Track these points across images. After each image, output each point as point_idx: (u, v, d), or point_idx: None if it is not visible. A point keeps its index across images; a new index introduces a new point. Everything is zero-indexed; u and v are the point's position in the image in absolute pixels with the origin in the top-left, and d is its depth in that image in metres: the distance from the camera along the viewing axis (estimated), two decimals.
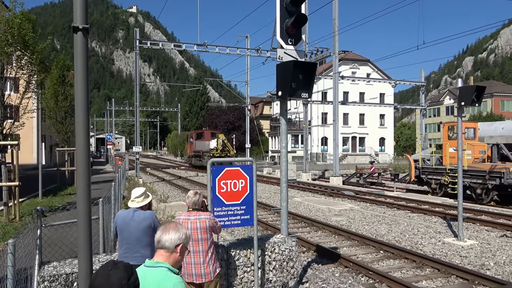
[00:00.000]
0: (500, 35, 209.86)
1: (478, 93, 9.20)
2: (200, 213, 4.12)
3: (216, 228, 4.22)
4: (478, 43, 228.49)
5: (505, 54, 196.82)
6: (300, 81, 5.62)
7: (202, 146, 37.38)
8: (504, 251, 8.62)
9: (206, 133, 39.60)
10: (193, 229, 4.00)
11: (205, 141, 37.74)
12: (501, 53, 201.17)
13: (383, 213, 13.73)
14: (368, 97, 53.25)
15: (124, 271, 1.85)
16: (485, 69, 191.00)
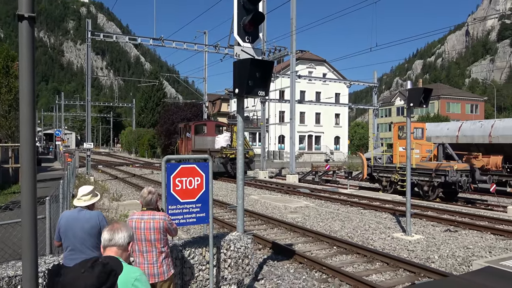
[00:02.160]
0: (447, 40, 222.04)
1: (426, 95, 9.67)
2: (154, 213, 4.00)
3: (172, 230, 4.11)
4: (427, 48, 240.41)
5: (451, 58, 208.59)
6: (257, 79, 5.63)
7: (208, 144, 27.53)
8: (447, 244, 9.14)
9: (209, 126, 29.44)
10: (146, 229, 3.90)
11: (209, 136, 28.13)
12: (447, 57, 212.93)
13: (337, 210, 14.12)
14: (324, 96, 54.49)
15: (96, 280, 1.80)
16: (433, 72, 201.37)
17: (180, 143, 30.18)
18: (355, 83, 38.50)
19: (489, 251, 8.62)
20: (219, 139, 26.70)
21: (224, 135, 26.75)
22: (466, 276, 6.77)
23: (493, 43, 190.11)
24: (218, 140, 26.76)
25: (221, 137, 26.74)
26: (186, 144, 28.29)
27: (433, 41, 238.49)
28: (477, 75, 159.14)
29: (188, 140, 28.08)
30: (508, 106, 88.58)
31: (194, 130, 28.22)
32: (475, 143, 19.63)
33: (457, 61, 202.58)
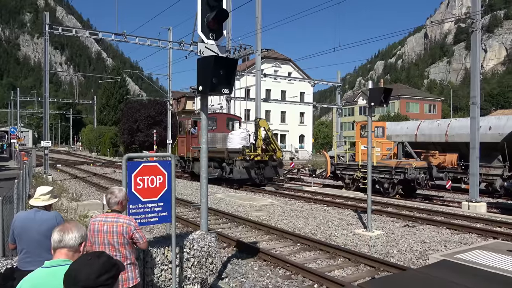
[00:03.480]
0: (407, 42, 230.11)
1: (386, 95, 9.96)
2: (119, 216, 3.76)
3: (138, 238, 3.72)
4: (388, 49, 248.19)
5: (410, 60, 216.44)
6: (221, 76, 5.59)
7: (217, 142, 21.90)
8: (406, 239, 9.47)
9: (220, 119, 23.21)
10: (109, 232, 3.70)
11: (219, 132, 22.36)
12: (407, 59, 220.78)
13: (301, 207, 14.30)
14: (289, 95, 55.04)
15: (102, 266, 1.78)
16: (394, 73, 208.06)
17: (181, 141, 24.47)
18: (320, 83, 39.14)
19: (444, 245, 9.01)
20: (233, 136, 21.07)
21: (240, 132, 21.36)
22: (423, 270, 7.04)
23: (449, 46, 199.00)
24: (232, 137, 21.07)
25: (235, 134, 21.12)
26: (190, 142, 22.55)
27: (393, 42, 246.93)
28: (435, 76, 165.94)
29: (193, 138, 22.39)
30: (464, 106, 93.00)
31: None
32: (433, 142, 20.46)
33: (416, 62, 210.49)
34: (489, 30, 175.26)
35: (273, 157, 19.63)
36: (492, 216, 12.63)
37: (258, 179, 19.53)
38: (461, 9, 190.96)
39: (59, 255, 2.19)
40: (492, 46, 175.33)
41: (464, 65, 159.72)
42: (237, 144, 20.47)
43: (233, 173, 19.05)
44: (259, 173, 19.20)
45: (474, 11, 14.41)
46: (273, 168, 19.69)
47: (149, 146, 46.70)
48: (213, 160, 20.46)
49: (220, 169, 20.47)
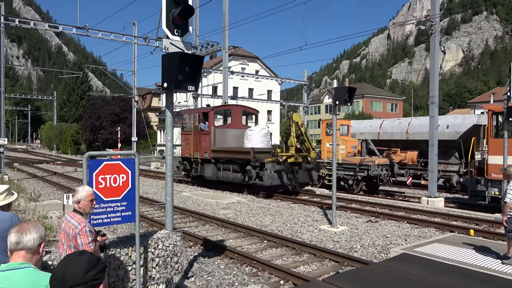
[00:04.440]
0: (371, 42, 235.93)
1: (350, 94, 10.19)
2: (74, 216, 3.62)
3: (78, 244, 3.46)
4: (353, 49, 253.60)
5: (374, 60, 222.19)
6: (187, 73, 5.52)
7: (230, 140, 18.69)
8: (369, 234, 9.75)
9: (234, 112, 19.49)
10: (63, 230, 3.60)
11: (233, 128, 19.02)
12: (371, 59, 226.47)
13: (268, 205, 14.39)
14: (256, 93, 55.16)
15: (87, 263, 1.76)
16: (359, 72, 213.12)
17: (184, 138, 20.59)
18: (287, 81, 39.44)
19: (405, 239, 9.34)
20: (252, 133, 17.47)
21: (261, 128, 17.94)
22: (385, 263, 7.27)
23: (411, 47, 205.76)
24: (251, 135, 17.47)
25: (256, 131, 17.59)
26: (200, 140, 18.68)
27: (358, 43, 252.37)
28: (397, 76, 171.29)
29: (203, 135, 18.49)
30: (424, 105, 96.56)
31: (214, 119, 18.58)
32: (394, 139, 21.14)
33: (379, 62, 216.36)
34: (447, 33, 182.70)
35: (307, 158, 16.38)
36: (449, 211, 13.22)
37: (291, 186, 16.17)
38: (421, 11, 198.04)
39: (17, 257, 2.09)
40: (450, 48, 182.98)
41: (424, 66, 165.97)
42: (258, 143, 16.96)
43: (263, 179, 15.19)
44: (291, 178, 15.87)
45: (433, 14, 14.98)
46: (307, 171, 16.45)
47: (113, 144, 45.50)
48: (233, 162, 17.05)
49: (241, 173, 16.68)
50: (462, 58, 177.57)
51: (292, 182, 16.05)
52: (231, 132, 18.84)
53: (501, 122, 12.77)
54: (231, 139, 18.67)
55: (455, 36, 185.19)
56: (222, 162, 17.68)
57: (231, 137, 18.72)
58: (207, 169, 18.55)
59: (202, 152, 18.61)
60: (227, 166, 17.50)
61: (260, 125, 18.86)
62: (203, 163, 18.89)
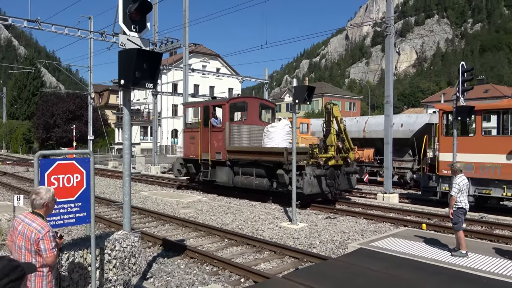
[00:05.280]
0: (330, 43, 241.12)
1: (309, 93, 10.37)
2: (35, 220, 3.42)
3: (42, 249, 3.31)
4: (313, 48, 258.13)
5: (333, 60, 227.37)
6: (145, 70, 5.40)
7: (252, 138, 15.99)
8: (327, 231, 9.97)
9: (251, 105, 16.62)
10: (21, 233, 3.38)
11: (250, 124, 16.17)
12: (330, 58, 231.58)
13: (229, 203, 14.37)
14: (217, 91, 54.86)
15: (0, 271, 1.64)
16: (318, 71, 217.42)
17: (189, 136, 17.09)
18: (248, 79, 39.53)
19: (361, 234, 9.64)
20: (274, 131, 14.97)
21: (284, 124, 15.26)
22: (342, 258, 7.48)
23: (368, 48, 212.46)
24: (272, 132, 14.96)
25: (278, 128, 15.05)
26: (210, 139, 15.68)
27: (318, 42, 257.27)
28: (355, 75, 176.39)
29: (215, 133, 15.53)
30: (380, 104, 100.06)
31: (229, 113, 15.52)
32: (352, 138, 21.71)
33: (338, 62, 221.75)
34: (402, 35, 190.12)
35: (347, 160, 14.09)
36: (403, 206, 13.79)
37: (331, 193, 13.50)
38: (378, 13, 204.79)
39: None
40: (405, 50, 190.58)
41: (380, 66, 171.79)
42: (281, 142, 14.62)
43: (303, 186, 12.44)
44: (330, 184, 13.24)
45: (388, 16, 15.53)
46: (345, 175, 13.98)
47: (67, 143, 43.73)
48: (257, 165, 14.17)
49: (267, 179, 13.96)
50: (415, 59, 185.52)
51: (332, 189, 13.34)
52: (247, 129, 15.89)
53: (451, 121, 13.46)
54: (246, 137, 15.79)
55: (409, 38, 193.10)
56: (242, 165, 14.70)
57: (246, 134, 15.81)
58: (220, 173, 15.47)
59: (214, 152, 15.54)
60: (248, 170, 14.51)
61: (283, 121, 15.71)
62: (214, 166, 15.74)
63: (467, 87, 12.50)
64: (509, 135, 12.50)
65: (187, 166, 17.20)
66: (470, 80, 12.72)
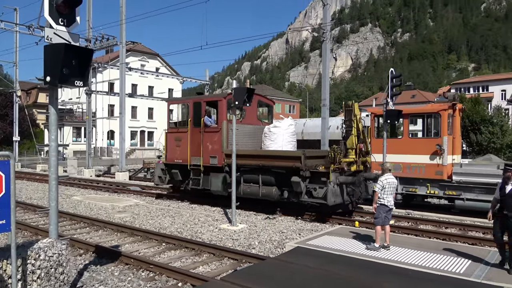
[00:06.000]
0: (271, 46, 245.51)
1: (249, 95, 10.44)
2: None
3: None
4: (254, 51, 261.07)
5: (274, 63, 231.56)
6: (74, 67, 5.10)
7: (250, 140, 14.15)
8: (266, 231, 10.09)
9: None
10: None
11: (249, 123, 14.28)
12: (271, 61, 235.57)
13: (168, 206, 14.04)
14: (157, 91, 53.51)
15: None
16: (259, 74, 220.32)
17: (174, 138, 14.65)
18: (188, 80, 39.04)
19: (299, 233, 9.88)
20: (278, 131, 13.43)
21: (288, 124, 13.73)
22: (281, 257, 7.59)
23: (307, 52, 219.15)
24: (275, 133, 13.43)
25: (282, 128, 13.47)
26: (203, 140, 13.54)
27: (259, 45, 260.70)
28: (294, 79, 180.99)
29: (209, 134, 13.50)
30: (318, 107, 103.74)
31: (227, 110, 13.28)
32: None
33: (279, 65, 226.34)
34: (338, 41, 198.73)
35: (366, 165, 12.75)
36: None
37: (351, 203, 12.19)
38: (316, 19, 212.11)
39: None
40: (341, 55, 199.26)
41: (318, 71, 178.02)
42: (285, 145, 13.29)
43: (327, 196, 10.77)
44: (350, 192, 11.81)
45: (324, 23, 16.12)
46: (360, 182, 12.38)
47: None
48: (264, 171, 12.22)
49: (276, 187, 12.07)
50: (351, 65, 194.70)
51: (353, 198, 11.93)
52: (246, 130, 13.87)
53: (382, 124, 14.26)
54: (244, 138, 13.79)
55: (345, 45, 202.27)
56: (244, 172, 12.62)
57: (244, 136, 13.81)
58: (215, 181, 13.25)
59: (207, 157, 13.41)
60: (253, 177, 12.49)
61: (286, 120, 13.92)
62: (207, 172, 13.60)
63: (396, 92, 13.34)
64: (432, 137, 13.50)
65: (171, 173, 14.76)
66: (399, 86, 13.60)
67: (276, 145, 13.23)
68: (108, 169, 32.49)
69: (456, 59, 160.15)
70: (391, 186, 7.88)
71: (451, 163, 13.22)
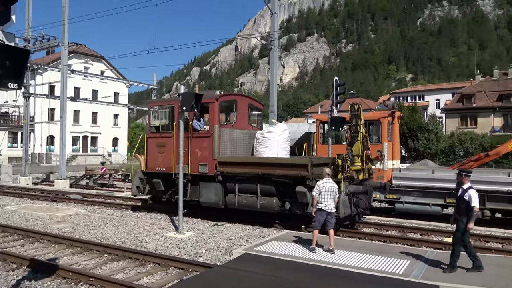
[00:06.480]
0: (220, 52, 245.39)
1: (197, 100, 10.34)
2: None
3: None
4: (204, 56, 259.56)
5: (223, 69, 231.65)
6: (8, 68, 4.75)
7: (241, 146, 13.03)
8: (214, 238, 10.00)
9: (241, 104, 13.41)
10: None
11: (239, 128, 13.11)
12: (220, 67, 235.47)
13: (112, 215, 13.50)
14: (101, 95, 51.47)
15: None
16: (209, 80, 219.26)
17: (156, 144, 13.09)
18: (135, 84, 38.00)
19: (246, 239, 9.88)
20: (273, 137, 12.49)
21: (283, 129, 12.83)
22: (228, 265, 7.56)
23: (256, 59, 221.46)
24: (270, 139, 12.49)
25: (276, 133, 12.52)
26: (191, 146, 12.14)
27: (208, 51, 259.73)
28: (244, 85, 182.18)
29: (198, 139, 12.18)
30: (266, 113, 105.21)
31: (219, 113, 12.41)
32: None
33: (228, 71, 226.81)
34: (286, 49, 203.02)
35: (370, 173, 12.02)
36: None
37: (358, 215, 11.43)
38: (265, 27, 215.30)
39: None
40: (289, 63, 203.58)
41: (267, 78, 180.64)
42: (280, 151, 12.39)
43: (339, 207, 9.66)
44: (356, 202, 11.10)
45: (273, 31, 16.41)
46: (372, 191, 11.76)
47: None
48: (264, 180, 11.08)
49: (277, 198, 11.03)
50: (298, 72, 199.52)
51: (359, 209, 11.18)
52: (236, 135, 12.76)
53: (327, 130, 14.72)
54: (235, 144, 12.68)
55: (292, 53, 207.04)
56: (240, 181, 11.54)
57: (235, 141, 12.68)
58: (206, 191, 12.11)
59: (196, 164, 12.04)
60: (250, 187, 11.36)
61: (280, 125, 13.07)
62: (195, 181, 12.35)
63: (340, 100, 13.84)
64: (374, 144, 14.14)
65: (152, 182, 13.21)
66: (343, 94, 14.13)
67: (270, 151, 12.29)
68: (47, 176, 30.69)
69: (395, 69, 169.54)
70: (329, 191, 8.10)
71: (391, 168, 13.92)
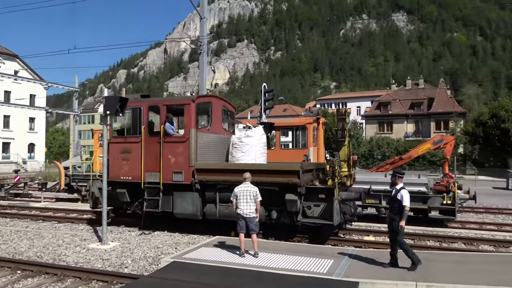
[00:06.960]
0: (148, 55, 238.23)
1: (122, 104, 9.94)
2: None
3: None
4: (131, 59, 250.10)
5: (152, 72, 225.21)
6: None
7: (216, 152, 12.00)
8: (141, 247, 9.63)
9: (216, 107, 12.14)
10: None
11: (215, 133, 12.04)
12: (149, 70, 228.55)
13: (26, 228, 12.44)
14: (15, 97, 47.31)
15: None
16: (136, 83, 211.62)
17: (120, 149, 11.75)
18: (55, 86, 35.54)
19: (175, 247, 9.66)
20: (250, 141, 11.53)
21: (261, 134, 11.92)
22: (156, 274, 7.33)
23: (186, 63, 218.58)
24: (247, 143, 11.50)
25: (254, 138, 11.58)
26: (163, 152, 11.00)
27: (136, 53, 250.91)
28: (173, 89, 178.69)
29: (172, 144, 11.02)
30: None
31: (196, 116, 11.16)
32: None
33: (157, 75, 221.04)
34: (216, 54, 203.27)
35: (354, 178, 11.81)
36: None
37: (345, 222, 10.97)
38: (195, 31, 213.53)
39: None
40: (219, 68, 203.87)
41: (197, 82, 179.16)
42: (259, 157, 11.55)
43: (333, 215, 9.54)
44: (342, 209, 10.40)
45: (202, 36, 16.35)
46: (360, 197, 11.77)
47: None
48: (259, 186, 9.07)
49: (262, 207, 9.77)
50: (228, 78, 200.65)
51: (345, 216, 10.56)
52: (212, 140, 11.73)
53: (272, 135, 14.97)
54: (211, 149, 11.67)
55: (223, 58, 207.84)
56: (220, 190, 10.53)
57: (212, 147, 11.69)
58: (181, 202, 10.95)
59: (169, 172, 10.90)
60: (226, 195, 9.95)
61: (257, 129, 12.02)
62: (168, 191, 11.08)
63: (269, 106, 14.20)
64: (300, 148, 14.66)
65: (115, 193, 11.76)
66: (272, 100, 14.50)
67: (248, 157, 11.38)
68: None
69: (321, 77, 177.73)
70: (245, 195, 8.22)
71: None
